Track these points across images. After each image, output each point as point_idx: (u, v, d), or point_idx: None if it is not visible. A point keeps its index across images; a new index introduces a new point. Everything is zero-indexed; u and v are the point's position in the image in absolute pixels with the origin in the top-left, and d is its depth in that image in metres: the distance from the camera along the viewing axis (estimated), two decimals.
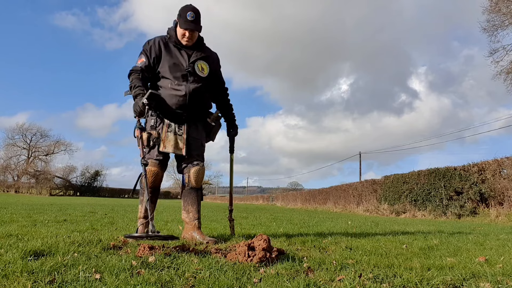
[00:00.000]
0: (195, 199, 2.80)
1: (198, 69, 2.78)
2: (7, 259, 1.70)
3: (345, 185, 20.33)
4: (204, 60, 2.82)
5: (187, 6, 2.72)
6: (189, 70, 2.74)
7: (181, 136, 2.78)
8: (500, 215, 8.96)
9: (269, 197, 49.09)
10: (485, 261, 2.22)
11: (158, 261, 1.81)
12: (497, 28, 17.16)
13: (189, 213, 2.78)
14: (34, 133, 50.68)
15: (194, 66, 2.76)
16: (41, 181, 45.88)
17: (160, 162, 2.81)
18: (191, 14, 2.67)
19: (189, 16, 2.66)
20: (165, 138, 2.74)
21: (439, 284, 1.61)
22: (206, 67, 2.82)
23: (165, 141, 2.73)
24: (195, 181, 2.80)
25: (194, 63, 2.77)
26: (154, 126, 2.76)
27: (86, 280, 1.42)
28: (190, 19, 2.67)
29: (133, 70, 2.75)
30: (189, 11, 2.67)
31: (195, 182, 2.80)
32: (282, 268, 1.79)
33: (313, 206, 23.30)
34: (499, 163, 9.97)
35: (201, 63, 2.80)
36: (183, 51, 2.77)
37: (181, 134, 2.78)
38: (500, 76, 17.49)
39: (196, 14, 2.69)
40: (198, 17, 2.70)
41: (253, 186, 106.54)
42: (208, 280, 1.51)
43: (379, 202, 15.01)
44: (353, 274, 1.70)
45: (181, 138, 2.78)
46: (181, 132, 2.78)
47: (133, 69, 2.76)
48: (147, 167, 2.74)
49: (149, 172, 2.76)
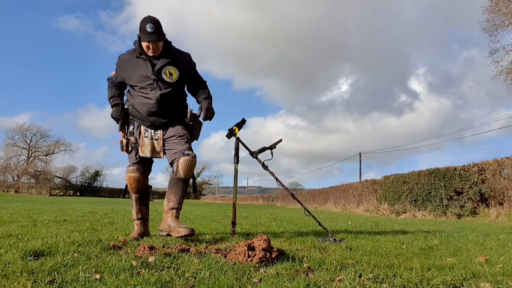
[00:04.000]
0: (179, 190, 2.76)
1: (166, 75, 2.78)
2: (7, 259, 1.70)
3: (345, 185, 20.34)
4: (171, 64, 2.80)
5: (145, 18, 2.70)
6: (154, 78, 2.75)
7: (158, 140, 2.85)
8: (500, 215, 8.96)
9: (269, 197, 49.08)
10: (485, 261, 2.22)
11: (158, 261, 1.81)
12: (497, 28, 17.15)
13: (169, 202, 2.75)
14: (34, 133, 50.68)
15: (161, 73, 2.77)
16: (41, 181, 45.88)
17: (141, 167, 2.88)
18: (150, 26, 2.65)
19: (149, 28, 2.65)
20: (142, 144, 2.83)
21: (439, 284, 1.61)
22: (174, 71, 2.81)
23: (142, 146, 2.83)
24: (183, 171, 2.71)
25: (161, 70, 2.77)
26: (132, 132, 2.88)
27: (86, 280, 1.42)
28: (150, 30, 2.65)
29: (108, 79, 2.99)
30: (147, 23, 2.65)
31: (183, 172, 2.72)
32: (282, 268, 1.79)
33: (313, 206, 23.32)
34: (499, 163, 9.97)
35: (168, 69, 2.79)
36: (147, 62, 2.77)
37: (158, 139, 2.85)
38: (500, 76, 17.49)
39: (155, 24, 2.67)
40: (158, 27, 2.68)
41: (253, 186, 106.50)
42: (208, 280, 1.51)
43: (379, 202, 15.01)
44: (353, 274, 1.70)
45: (158, 143, 2.85)
46: (157, 136, 2.85)
47: (108, 78, 2.99)
48: (127, 174, 2.88)
49: (130, 178, 2.85)
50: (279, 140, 3.30)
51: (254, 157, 3.22)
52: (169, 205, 2.75)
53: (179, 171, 2.72)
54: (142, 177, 2.88)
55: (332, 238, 3.14)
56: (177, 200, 2.75)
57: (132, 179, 2.84)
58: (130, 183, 2.86)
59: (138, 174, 2.85)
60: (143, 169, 2.89)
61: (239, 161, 3.28)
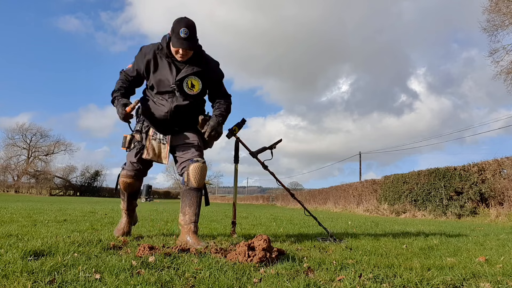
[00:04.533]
0: (194, 200, 2.58)
1: (187, 86, 2.58)
2: (7, 259, 1.70)
3: (345, 185, 20.33)
4: (196, 75, 2.59)
5: (181, 20, 2.45)
6: (174, 88, 2.56)
7: (165, 145, 2.68)
8: (500, 215, 8.96)
9: (269, 197, 49.13)
10: (485, 261, 2.22)
11: (158, 261, 1.81)
12: (497, 28, 17.14)
13: (185, 216, 2.57)
14: (34, 133, 50.61)
15: (183, 83, 2.56)
16: (41, 181, 45.84)
17: (137, 170, 2.73)
18: (185, 30, 2.41)
19: (182, 33, 2.41)
20: (149, 146, 2.66)
21: (439, 284, 1.61)
22: (197, 83, 2.60)
23: (149, 148, 2.66)
24: (195, 179, 2.55)
25: (183, 80, 2.56)
26: (139, 131, 2.71)
27: (86, 280, 1.42)
28: (183, 36, 2.41)
29: (121, 72, 2.75)
30: (182, 27, 2.41)
31: (195, 180, 2.55)
32: (282, 268, 1.79)
33: (313, 206, 23.32)
34: (499, 163, 9.96)
35: (191, 79, 2.58)
36: (173, 66, 2.57)
37: (165, 143, 2.68)
38: (500, 76, 17.48)
39: (190, 30, 2.43)
40: (193, 33, 2.45)
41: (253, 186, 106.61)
42: (208, 280, 1.51)
43: (379, 202, 15.01)
44: (353, 274, 1.70)
45: (165, 147, 2.67)
46: (165, 141, 2.68)
47: (121, 71, 2.75)
48: (121, 178, 2.74)
49: (124, 183, 2.73)
50: (279, 140, 3.30)
51: (254, 157, 3.22)
52: (185, 219, 2.56)
53: (190, 180, 2.56)
54: (136, 182, 2.77)
55: (332, 238, 3.14)
56: (193, 212, 2.57)
57: (126, 184, 2.73)
58: (124, 187, 2.76)
59: (133, 180, 2.74)
60: (138, 174, 2.75)
61: (239, 161, 3.27)
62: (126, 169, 2.74)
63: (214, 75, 2.71)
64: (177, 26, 2.43)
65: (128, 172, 2.73)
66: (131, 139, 2.69)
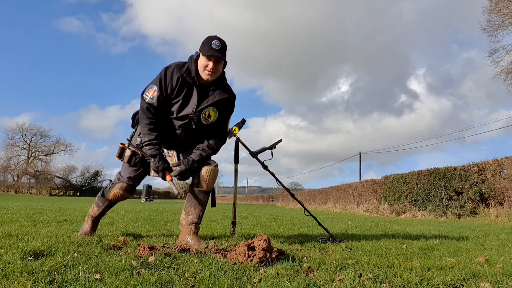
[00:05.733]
0: (200, 202, 2.56)
1: (204, 116, 2.49)
2: (7, 259, 1.70)
3: (345, 185, 20.33)
4: (215, 106, 2.50)
5: (212, 36, 2.42)
6: (193, 118, 2.47)
7: (171, 157, 2.56)
8: (500, 215, 8.96)
9: (269, 197, 49.11)
10: (485, 261, 2.22)
11: (158, 261, 1.81)
12: (497, 28, 17.15)
13: (188, 216, 2.55)
14: (34, 133, 50.64)
15: (201, 113, 2.48)
16: (41, 181, 45.86)
17: (134, 185, 2.70)
18: (217, 42, 2.37)
19: (215, 44, 2.36)
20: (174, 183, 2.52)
21: (439, 284, 1.61)
22: (214, 114, 2.51)
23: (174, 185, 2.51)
24: (206, 182, 2.51)
25: (202, 111, 2.47)
26: (140, 146, 2.55)
27: (86, 280, 1.42)
28: (215, 47, 2.35)
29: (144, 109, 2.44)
30: (214, 40, 2.38)
31: (206, 183, 2.51)
32: (282, 268, 1.79)
33: (313, 206, 23.31)
34: (499, 163, 9.96)
35: (209, 110, 2.49)
36: (195, 92, 2.45)
37: (171, 156, 2.57)
38: (500, 76, 17.49)
39: (222, 44, 2.39)
40: (224, 47, 2.40)
41: (253, 186, 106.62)
42: (208, 280, 1.51)
43: (379, 202, 15.01)
44: (353, 274, 1.70)
45: (172, 159, 2.55)
46: (171, 154, 2.58)
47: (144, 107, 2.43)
48: (116, 189, 2.66)
49: (116, 194, 2.68)
50: (279, 140, 3.30)
51: (254, 157, 3.22)
52: (187, 219, 2.55)
53: (202, 182, 2.51)
54: (129, 194, 2.73)
55: (332, 238, 3.14)
56: (197, 214, 2.55)
57: (120, 195, 2.68)
58: (115, 197, 2.69)
59: (127, 193, 2.70)
60: (134, 187, 2.70)
61: (239, 161, 3.27)
62: (123, 181, 2.67)
63: (228, 109, 2.61)
64: (209, 39, 2.39)
65: (124, 184, 2.67)
66: (132, 155, 2.57)
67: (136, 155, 2.57)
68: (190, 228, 2.52)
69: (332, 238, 3.13)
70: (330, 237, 3.16)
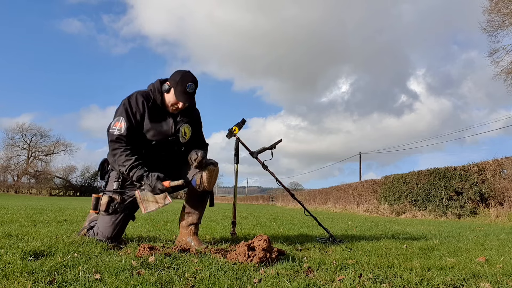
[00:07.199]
0: (201, 203, 2.56)
1: (181, 134, 2.53)
2: (7, 259, 1.70)
3: (345, 185, 20.34)
4: (188, 123, 2.57)
5: (188, 75, 2.43)
6: (173, 138, 2.50)
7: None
8: (500, 215, 8.96)
9: (269, 197, 49.14)
10: (485, 261, 2.22)
11: (158, 261, 1.81)
12: (497, 28, 17.17)
13: (188, 216, 2.54)
14: (34, 133, 50.64)
15: (178, 133, 2.52)
16: (41, 181, 45.88)
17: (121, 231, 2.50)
18: (192, 86, 2.40)
19: (189, 88, 2.39)
20: (141, 200, 2.34)
21: (439, 284, 1.61)
22: (188, 131, 2.57)
23: (142, 202, 2.33)
24: (208, 182, 2.45)
25: (179, 129, 2.52)
26: (117, 190, 2.43)
27: (86, 280, 1.42)
28: (189, 91, 2.39)
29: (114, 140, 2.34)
30: (189, 82, 2.39)
31: (207, 183, 2.46)
32: (282, 268, 1.79)
33: (313, 206, 23.32)
34: (499, 163, 9.96)
35: (184, 128, 2.54)
36: (168, 116, 2.51)
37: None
38: (500, 76, 17.52)
39: (196, 85, 2.44)
40: (195, 89, 2.46)
41: (253, 186, 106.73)
42: (208, 280, 1.51)
43: (379, 202, 15.01)
44: (353, 274, 1.70)
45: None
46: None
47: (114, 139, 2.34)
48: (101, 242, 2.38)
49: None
50: (279, 140, 3.30)
51: (254, 157, 3.22)
52: (188, 220, 2.53)
53: (203, 182, 2.45)
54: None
55: (332, 238, 3.14)
56: (197, 214, 2.55)
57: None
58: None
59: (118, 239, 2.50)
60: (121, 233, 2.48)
61: (239, 161, 3.28)
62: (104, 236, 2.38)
63: (198, 123, 2.70)
64: (184, 80, 2.39)
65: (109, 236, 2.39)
66: (109, 201, 2.39)
67: (114, 200, 2.41)
68: (190, 229, 2.52)
69: (332, 238, 3.13)
70: (330, 237, 3.16)
